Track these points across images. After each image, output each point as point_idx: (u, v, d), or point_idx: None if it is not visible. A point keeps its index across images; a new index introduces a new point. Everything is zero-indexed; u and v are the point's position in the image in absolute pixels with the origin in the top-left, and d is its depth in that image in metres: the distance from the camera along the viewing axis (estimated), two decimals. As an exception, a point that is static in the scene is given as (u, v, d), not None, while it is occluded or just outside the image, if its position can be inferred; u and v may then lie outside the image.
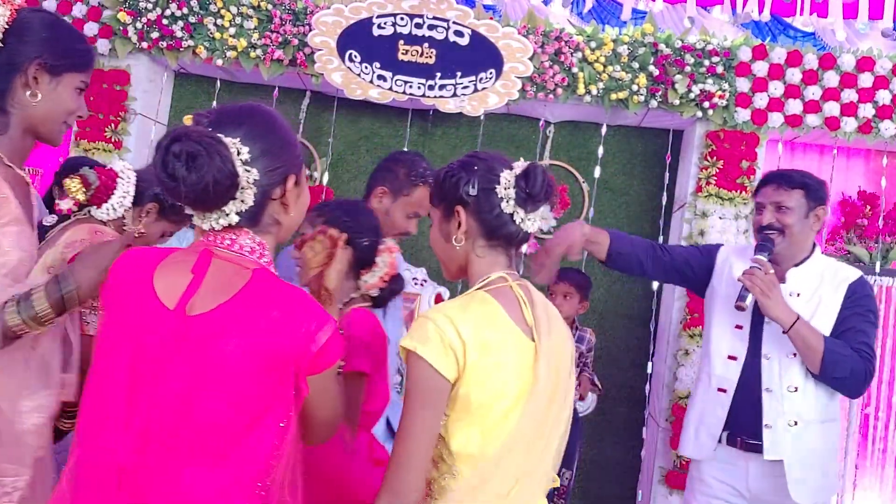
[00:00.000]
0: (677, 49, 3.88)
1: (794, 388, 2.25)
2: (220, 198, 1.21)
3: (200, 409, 1.18)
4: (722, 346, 2.37)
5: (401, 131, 4.48)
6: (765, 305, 2.17)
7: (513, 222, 1.42)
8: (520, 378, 1.35)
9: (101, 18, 4.10)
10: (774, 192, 2.31)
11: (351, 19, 3.91)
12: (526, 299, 1.42)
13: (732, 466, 2.32)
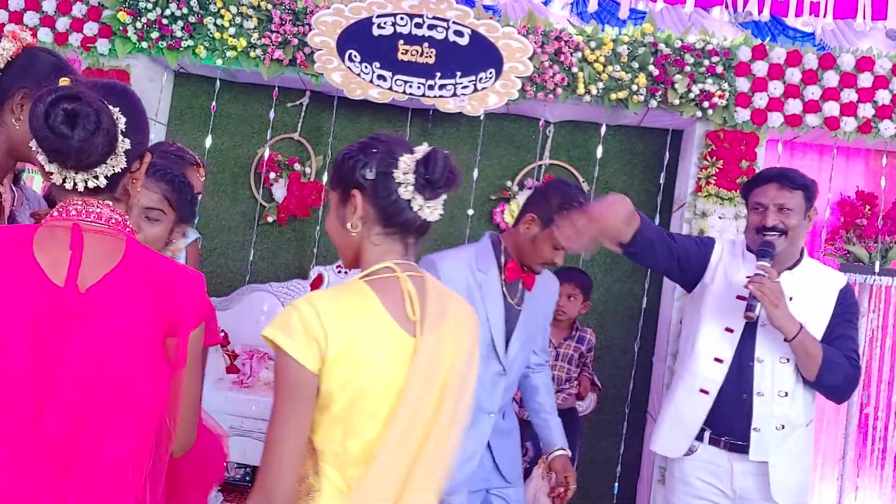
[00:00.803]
0: (677, 49, 3.88)
1: (784, 393, 2.24)
2: (99, 158, 1.27)
3: (107, 378, 1.23)
4: (709, 346, 2.32)
5: (401, 131, 4.48)
6: (773, 315, 2.13)
7: (410, 209, 1.34)
8: (392, 375, 1.28)
9: (101, 18, 4.10)
10: (778, 192, 2.26)
11: (351, 19, 3.91)
12: (415, 292, 1.33)
13: (716, 466, 2.31)
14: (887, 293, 3.91)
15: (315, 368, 1.24)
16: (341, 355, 1.24)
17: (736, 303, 2.29)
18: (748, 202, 2.36)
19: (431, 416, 1.30)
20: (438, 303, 1.35)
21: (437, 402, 1.31)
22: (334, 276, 4.29)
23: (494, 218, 4.40)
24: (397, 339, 1.30)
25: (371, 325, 1.28)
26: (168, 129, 4.56)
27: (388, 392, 1.27)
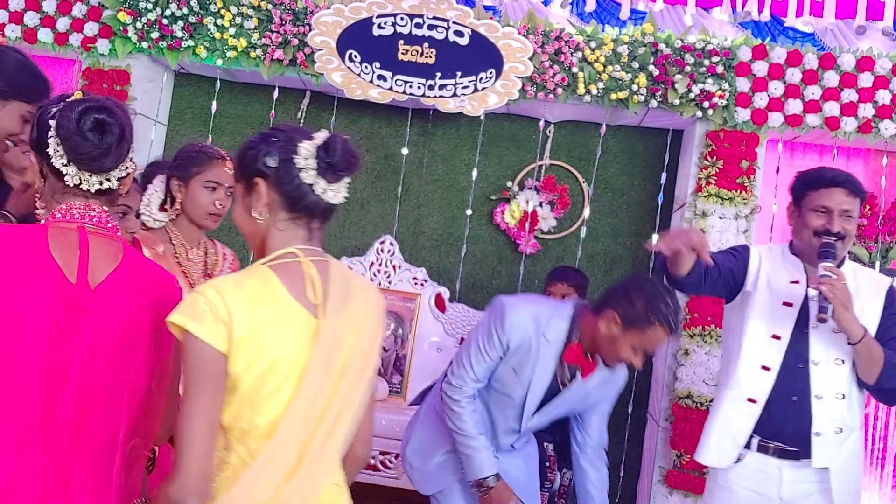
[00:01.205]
0: (677, 49, 3.88)
1: (841, 395, 2.22)
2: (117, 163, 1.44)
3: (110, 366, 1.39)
4: (755, 355, 2.28)
5: (401, 131, 4.49)
6: (842, 318, 2.08)
7: (313, 193, 1.39)
8: (295, 355, 1.34)
9: (101, 18, 4.10)
10: (846, 198, 2.21)
11: (351, 19, 3.91)
12: (317, 276, 1.38)
13: (764, 474, 2.26)
14: (887, 293, 3.91)
15: (224, 349, 1.29)
16: (247, 336, 1.30)
17: (783, 309, 2.26)
18: (805, 201, 2.27)
19: (331, 394, 1.36)
20: (342, 287, 1.41)
21: (337, 382, 1.37)
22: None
23: (494, 218, 4.40)
24: (300, 321, 1.35)
25: (274, 307, 1.34)
26: (168, 129, 4.56)
27: (292, 371, 1.33)
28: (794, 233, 2.34)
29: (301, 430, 1.33)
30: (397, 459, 3.75)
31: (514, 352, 2.30)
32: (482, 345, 2.32)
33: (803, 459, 2.23)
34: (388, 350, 4.24)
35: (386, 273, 4.29)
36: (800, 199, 2.30)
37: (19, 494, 1.31)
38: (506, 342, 2.30)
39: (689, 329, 3.82)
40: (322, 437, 1.36)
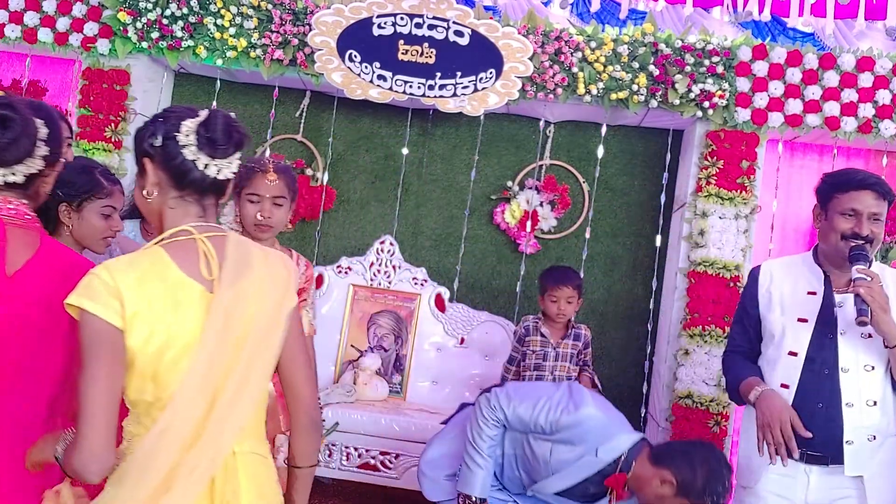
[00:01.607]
0: (677, 49, 3.88)
1: (873, 402, 2.18)
2: (19, 158, 1.53)
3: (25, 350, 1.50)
4: (774, 374, 2.28)
5: (401, 131, 4.48)
6: (881, 320, 2.05)
7: (197, 169, 1.43)
8: (191, 329, 1.39)
9: (101, 18, 4.10)
10: (875, 201, 2.18)
11: (351, 19, 3.91)
12: (213, 251, 1.44)
13: (792, 479, 2.23)
14: (888, 293, 3.90)
15: (119, 324, 1.34)
16: (139, 312, 1.35)
17: (797, 325, 2.25)
18: (832, 204, 2.22)
19: (230, 364, 1.41)
20: (240, 259, 1.46)
21: (236, 352, 1.42)
22: (335, 276, 4.29)
23: (494, 218, 4.39)
24: (194, 296, 1.40)
25: (166, 284, 1.39)
26: None
27: (189, 344, 1.38)
28: (820, 236, 2.29)
29: (198, 400, 1.37)
30: (397, 459, 3.75)
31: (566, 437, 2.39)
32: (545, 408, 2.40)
33: (832, 465, 2.20)
34: (388, 350, 4.24)
35: (386, 273, 4.29)
36: (826, 201, 2.25)
37: None
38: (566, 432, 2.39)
39: (689, 329, 3.82)
40: (225, 406, 1.40)
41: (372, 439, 3.75)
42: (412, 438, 3.70)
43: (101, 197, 2.05)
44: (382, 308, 4.28)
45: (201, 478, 1.37)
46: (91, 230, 2.05)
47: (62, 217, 2.02)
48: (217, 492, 1.41)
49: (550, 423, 2.39)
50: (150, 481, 1.34)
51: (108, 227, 2.08)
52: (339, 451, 3.76)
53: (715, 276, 3.82)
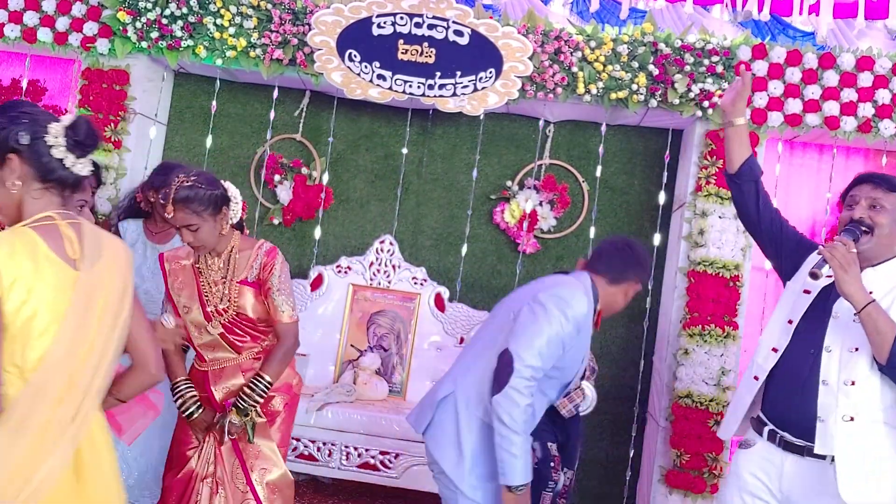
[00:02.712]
0: (677, 48, 3.88)
1: (851, 382, 2.19)
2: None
3: None
4: (770, 337, 2.39)
5: (401, 131, 4.48)
6: (841, 280, 2.11)
7: (64, 167, 1.66)
8: (58, 301, 1.59)
9: (100, 18, 4.10)
10: (872, 190, 2.29)
11: (351, 19, 3.91)
12: (74, 235, 1.65)
13: (769, 463, 2.30)
14: (887, 293, 3.91)
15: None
16: (12, 284, 1.53)
17: (801, 296, 2.34)
18: (842, 205, 2.39)
19: (95, 334, 1.64)
20: (94, 243, 1.69)
21: (98, 323, 1.65)
22: (334, 275, 4.29)
23: (494, 218, 4.39)
24: (62, 272, 1.61)
25: (37, 260, 1.58)
26: (168, 129, 4.55)
27: (56, 314, 1.58)
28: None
29: (67, 361, 1.59)
30: (397, 459, 3.75)
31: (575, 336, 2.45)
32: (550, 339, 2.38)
33: (808, 456, 2.23)
34: (388, 350, 4.24)
35: (385, 273, 4.29)
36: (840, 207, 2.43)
37: None
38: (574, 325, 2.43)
39: (688, 329, 3.82)
40: (91, 370, 1.63)
41: (372, 439, 3.75)
42: (412, 438, 3.70)
43: None
44: (382, 308, 4.28)
45: (74, 437, 1.59)
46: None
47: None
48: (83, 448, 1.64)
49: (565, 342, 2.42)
50: (25, 438, 1.53)
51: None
52: (339, 450, 3.76)
53: (715, 275, 3.83)
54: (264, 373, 2.62)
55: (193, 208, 2.51)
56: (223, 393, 2.66)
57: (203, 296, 2.64)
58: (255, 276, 2.65)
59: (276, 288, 2.64)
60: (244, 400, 2.59)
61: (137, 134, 4.23)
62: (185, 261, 2.69)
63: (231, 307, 2.63)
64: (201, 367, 2.71)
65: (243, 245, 2.68)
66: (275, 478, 2.65)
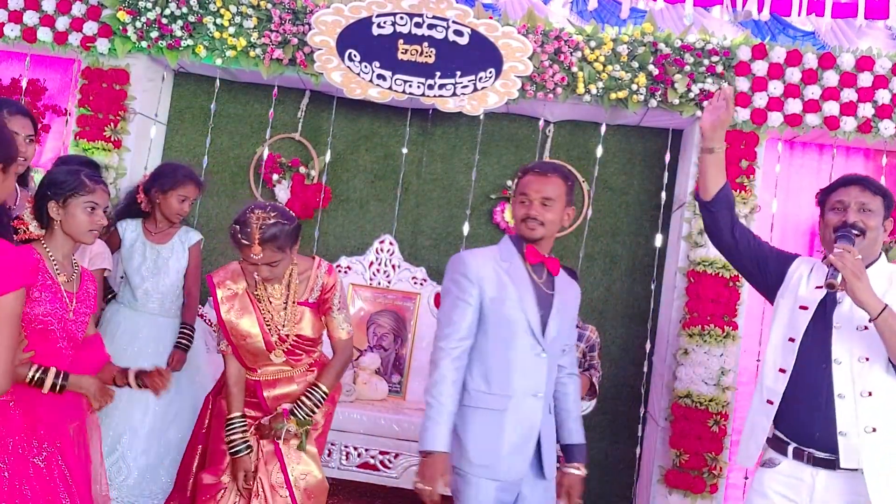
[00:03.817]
0: (677, 48, 3.88)
1: (868, 393, 2.19)
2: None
3: None
4: (774, 358, 2.36)
5: (400, 131, 4.48)
6: (855, 287, 2.09)
7: None
8: None
9: (100, 17, 4.10)
10: (861, 193, 2.29)
11: (350, 18, 3.91)
12: None
13: (797, 481, 2.26)
14: (887, 293, 3.91)
15: None
16: None
17: (798, 312, 2.32)
18: (826, 205, 2.36)
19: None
20: None
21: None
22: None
23: (494, 217, 4.39)
24: None
25: None
26: (168, 129, 4.55)
27: None
28: (822, 241, 2.40)
29: None
30: (397, 459, 3.75)
31: (486, 284, 2.34)
32: (457, 297, 2.34)
33: (839, 470, 2.21)
34: (388, 349, 4.24)
35: (385, 272, 4.29)
36: (822, 206, 2.39)
37: None
38: (475, 279, 2.34)
39: (688, 329, 3.82)
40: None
41: (371, 439, 3.75)
42: (412, 438, 3.70)
43: (83, 194, 2.24)
44: (382, 307, 4.28)
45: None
46: (77, 224, 2.25)
47: (52, 213, 2.23)
48: None
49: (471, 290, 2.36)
50: None
51: (93, 221, 2.27)
52: (338, 450, 3.76)
53: (714, 275, 3.82)
54: (321, 383, 2.65)
55: (279, 245, 2.49)
56: (275, 399, 2.66)
57: (264, 324, 2.61)
58: (317, 297, 2.67)
59: (337, 307, 2.69)
60: (301, 408, 2.59)
61: (137, 134, 4.23)
62: (235, 286, 2.63)
63: (292, 333, 2.63)
64: (251, 377, 2.69)
65: (302, 266, 2.67)
66: (313, 484, 2.66)
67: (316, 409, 2.62)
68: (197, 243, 3.54)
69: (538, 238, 2.37)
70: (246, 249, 2.48)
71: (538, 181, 2.36)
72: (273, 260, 2.49)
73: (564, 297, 2.43)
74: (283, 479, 2.60)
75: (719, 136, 2.38)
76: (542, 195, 2.35)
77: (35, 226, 2.23)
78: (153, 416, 3.32)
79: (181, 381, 3.47)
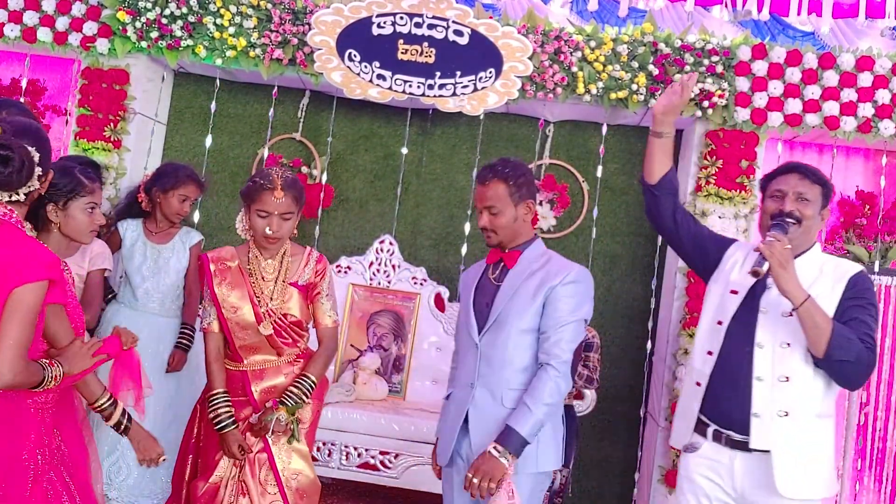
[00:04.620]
0: (677, 48, 3.88)
1: (785, 378, 2.23)
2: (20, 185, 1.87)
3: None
4: (703, 341, 2.40)
5: (400, 131, 4.48)
6: (780, 277, 2.13)
7: None
8: None
9: (100, 17, 4.10)
10: (799, 182, 2.31)
11: (350, 18, 3.91)
12: None
13: (718, 463, 2.30)
14: (887, 293, 3.91)
15: None
16: None
17: (729, 296, 2.36)
18: (766, 193, 2.39)
19: None
20: None
21: None
22: (334, 275, 4.29)
23: (494, 217, 4.39)
24: None
25: None
26: (168, 129, 4.55)
27: None
28: (759, 227, 2.43)
29: None
30: (397, 459, 3.75)
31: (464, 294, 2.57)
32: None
33: (752, 452, 2.25)
34: (388, 349, 4.24)
35: (385, 273, 4.29)
36: (763, 193, 2.42)
37: None
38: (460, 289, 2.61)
39: (688, 328, 3.82)
40: None
41: (371, 439, 3.75)
42: (412, 438, 3.70)
43: (83, 195, 2.21)
44: (382, 307, 4.28)
45: None
46: (77, 225, 2.22)
47: (50, 216, 2.19)
48: None
49: None
50: None
51: (93, 221, 2.25)
52: (338, 450, 3.76)
53: (714, 275, 3.82)
54: (309, 372, 2.67)
55: (296, 195, 2.58)
56: (263, 392, 2.66)
57: (254, 296, 2.65)
58: (307, 279, 2.71)
59: (326, 293, 2.73)
60: (290, 397, 2.60)
61: (137, 134, 4.23)
62: (230, 262, 2.69)
63: (280, 309, 2.65)
64: (238, 368, 2.70)
65: (294, 250, 2.74)
66: (305, 483, 2.66)
67: (305, 398, 2.62)
68: (198, 244, 3.54)
69: (495, 244, 2.46)
70: (267, 195, 2.53)
71: (480, 191, 2.43)
72: (289, 210, 2.56)
73: (518, 284, 2.39)
74: (274, 477, 2.60)
75: (669, 120, 2.39)
76: (486, 205, 2.42)
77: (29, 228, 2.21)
78: (153, 417, 3.32)
79: (181, 381, 3.48)
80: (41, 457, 1.97)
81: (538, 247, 2.49)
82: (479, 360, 2.40)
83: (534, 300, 2.36)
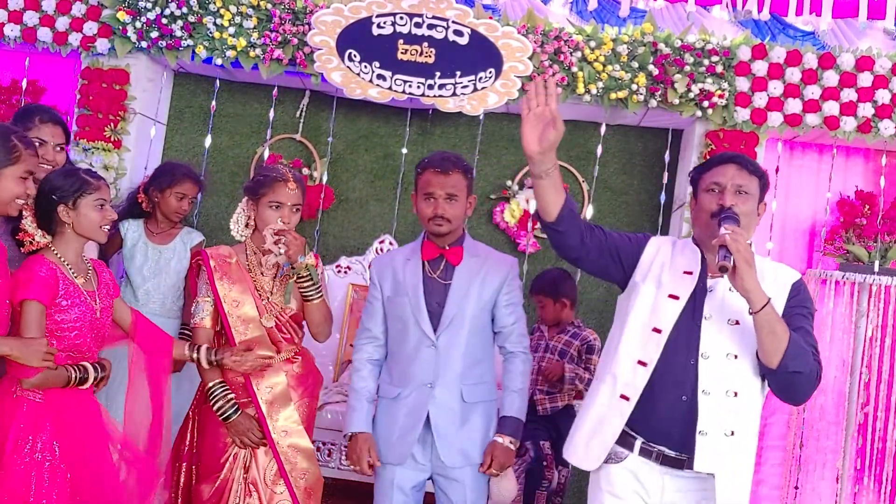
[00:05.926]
0: (677, 48, 3.88)
1: (734, 393, 2.04)
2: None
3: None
4: (632, 349, 2.13)
5: (400, 131, 4.48)
6: (745, 274, 1.91)
7: None
8: None
9: (100, 17, 4.10)
10: (737, 172, 2.10)
11: (350, 19, 3.91)
12: None
13: (646, 479, 2.10)
14: (886, 293, 3.91)
15: None
16: None
17: (668, 302, 2.12)
18: (700, 186, 2.17)
19: None
20: None
21: None
22: (334, 275, 4.29)
23: (494, 217, 4.39)
24: None
25: None
26: (168, 129, 4.55)
27: None
28: (693, 221, 2.22)
29: None
30: (397, 459, 3.75)
31: (385, 284, 2.57)
32: (369, 298, 2.62)
33: (688, 469, 2.06)
34: (388, 349, 4.24)
35: (385, 272, 4.29)
36: (695, 186, 2.20)
37: None
38: (377, 281, 2.58)
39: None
40: None
41: (371, 439, 3.74)
42: (412, 438, 3.70)
43: (91, 192, 2.26)
44: (382, 307, 4.28)
45: None
46: (90, 223, 2.27)
47: (62, 217, 2.23)
48: None
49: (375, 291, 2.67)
50: None
51: (104, 217, 2.30)
52: (338, 450, 3.76)
53: (714, 275, 3.83)
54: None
55: (302, 189, 2.63)
56: (269, 394, 2.65)
57: (256, 290, 2.66)
58: None
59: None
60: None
61: (137, 134, 4.23)
62: (229, 259, 2.69)
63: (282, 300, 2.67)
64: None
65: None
66: (312, 481, 2.65)
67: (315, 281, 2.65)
68: (199, 244, 3.54)
69: (445, 233, 2.47)
70: (281, 186, 2.54)
71: (440, 179, 2.44)
72: (299, 202, 2.59)
73: (468, 283, 2.48)
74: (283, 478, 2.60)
75: (550, 157, 2.04)
76: (448, 192, 2.44)
77: (41, 234, 2.22)
78: (153, 417, 3.32)
79: (182, 382, 3.47)
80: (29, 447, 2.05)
81: (469, 239, 2.58)
82: (438, 359, 2.45)
83: (488, 299, 2.50)
